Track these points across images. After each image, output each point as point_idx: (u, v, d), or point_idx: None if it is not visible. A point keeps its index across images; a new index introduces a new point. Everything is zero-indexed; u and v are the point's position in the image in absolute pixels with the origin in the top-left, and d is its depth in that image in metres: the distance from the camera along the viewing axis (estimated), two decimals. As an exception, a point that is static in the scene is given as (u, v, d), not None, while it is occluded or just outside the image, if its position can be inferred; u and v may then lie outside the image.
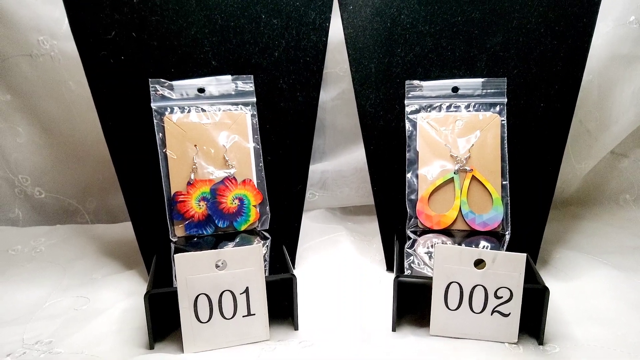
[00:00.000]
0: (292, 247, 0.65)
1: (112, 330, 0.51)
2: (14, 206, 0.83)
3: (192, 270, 0.46)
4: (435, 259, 0.48)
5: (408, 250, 0.56)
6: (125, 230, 0.76)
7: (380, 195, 0.63)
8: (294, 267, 0.65)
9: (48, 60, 0.74)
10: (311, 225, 0.76)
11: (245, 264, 0.47)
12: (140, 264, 0.63)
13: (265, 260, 0.54)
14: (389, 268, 0.65)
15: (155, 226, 0.58)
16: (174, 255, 0.45)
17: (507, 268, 0.47)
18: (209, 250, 0.46)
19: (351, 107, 0.75)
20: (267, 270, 0.52)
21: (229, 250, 0.46)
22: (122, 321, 0.53)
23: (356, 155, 0.81)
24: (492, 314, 0.48)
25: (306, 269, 0.64)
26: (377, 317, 0.53)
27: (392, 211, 0.63)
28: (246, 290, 0.47)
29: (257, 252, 0.47)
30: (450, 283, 0.48)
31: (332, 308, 0.56)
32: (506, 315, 0.48)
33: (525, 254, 0.46)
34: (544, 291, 0.47)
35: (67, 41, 0.72)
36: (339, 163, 0.83)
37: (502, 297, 0.48)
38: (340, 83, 0.80)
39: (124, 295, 0.58)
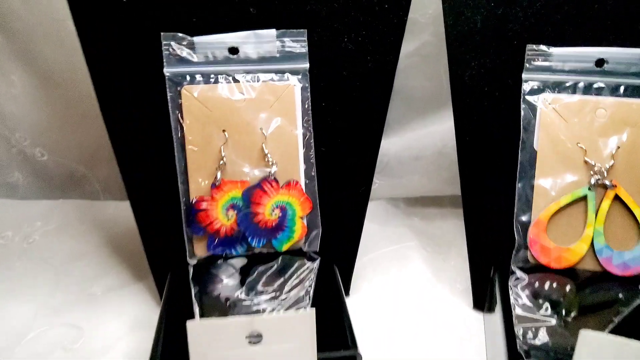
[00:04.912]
0: (348, 267, 0.50)
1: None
2: (12, 169, 0.71)
3: (212, 344, 0.31)
4: (578, 349, 0.32)
5: (513, 287, 0.41)
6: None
7: (474, 208, 0.47)
8: (347, 294, 0.51)
9: (43, -5, 0.59)
10: (368, 226, 0.59)
11: (289, 337, 0.32)
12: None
13: (309, 287, 0.40)
14: (477, 305, 0.49)
15: (168, 242, 0.44)
16: (187, 323, 0.31)
17: None
18: (236, 318, 0.32)
19: (431, 67, 0.56)
20: (309, 301, 0.39)
21: (265, 319, 0.31)
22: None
23: (432, 131, 0.64)
24: None
25: (363, 297, 0.51)
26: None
27: (489, 232, 0.46)
28: (290, 372, 0.33)
29: (307, 320, 0.32)
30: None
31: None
32: None
33: None
34: None
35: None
36: (408, 140, 0.65)
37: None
38: (420, 34, 0.60)
39: (128, 325, 0.46)
